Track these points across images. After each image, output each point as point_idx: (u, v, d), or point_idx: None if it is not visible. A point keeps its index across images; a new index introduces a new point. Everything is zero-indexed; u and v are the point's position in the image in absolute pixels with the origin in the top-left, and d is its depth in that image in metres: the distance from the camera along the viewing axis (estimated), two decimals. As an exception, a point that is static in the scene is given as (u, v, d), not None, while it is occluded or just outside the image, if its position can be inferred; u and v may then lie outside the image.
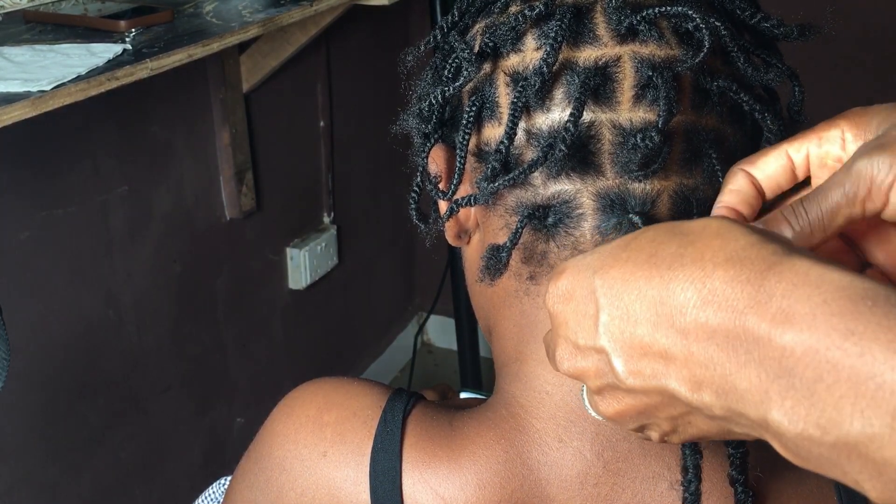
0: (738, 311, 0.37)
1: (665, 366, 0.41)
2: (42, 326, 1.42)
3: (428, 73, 0.63)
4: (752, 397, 0.37)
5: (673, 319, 0.40)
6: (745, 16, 0.56)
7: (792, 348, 0.35)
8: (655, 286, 0.40)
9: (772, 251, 0.38)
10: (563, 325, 0.45)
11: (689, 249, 0.40)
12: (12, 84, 0.98)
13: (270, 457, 0.61)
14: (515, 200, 0.57)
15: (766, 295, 0.37)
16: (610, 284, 0.42)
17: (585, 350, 0.44)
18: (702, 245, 0.40)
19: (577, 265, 0.45)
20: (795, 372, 0.35)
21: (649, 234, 0.43)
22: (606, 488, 0.56)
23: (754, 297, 0.37)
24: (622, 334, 0.42)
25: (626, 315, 0.42)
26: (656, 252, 0.41)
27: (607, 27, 0.54)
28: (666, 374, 0.41)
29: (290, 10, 1.35)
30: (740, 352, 0.37)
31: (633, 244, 0.43)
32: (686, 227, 0.42)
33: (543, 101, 0.55)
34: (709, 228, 0.41)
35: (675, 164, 0.54)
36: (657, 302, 0.40)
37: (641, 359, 0.41)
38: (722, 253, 0.39)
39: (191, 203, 1.69)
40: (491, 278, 0.59)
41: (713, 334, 0.38)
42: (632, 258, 0.42)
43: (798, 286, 0.36)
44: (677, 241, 0.41)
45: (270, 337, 2.01)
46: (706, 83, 0.55)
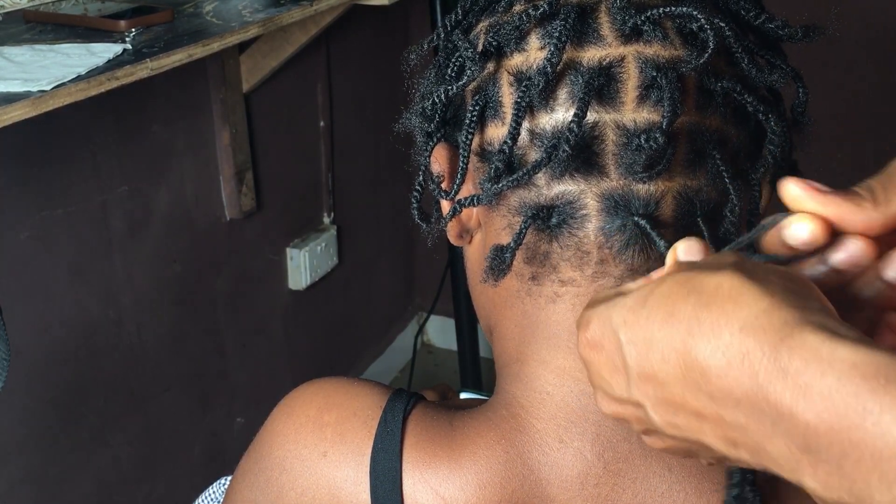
0: (759, 384, 0.38)
1: (699, 423, 0.41)
2: (42, 326, 1.42)
3: (431, 71, 0.63)
4: (786, 464, 0.38)
5: (699, 384, 0.40)
6: (750, 16, 0.56)
7: (815, 426, 0.36)
8: (678, 349, 0.41)
9: (783, 321, 0.38)
10: (597, 374, 0.46)
11: (705, 314, 0.40)
12: (12, 84, 0.98)
13: (270, 457, 0.61)
14: (519, 201, 0.57)
15: (782, 371, 0.37)
16: (634, 342, 0.43)
17: (622, 400, 0.45)
18: (717, 309, 0.40)
19: (602, 317, 0.45)
20: (821, 447, 0.36)
21: (664, 290, 0.43)
22: (607, 489, 0.56)
23: (772, 372, 0.37)
24: (654, 391, 0.43)
25: (654, 374, 0.42)
26: (673, 312, 0.41)
27: (611, 27, 0.54)
28: (701, 431, 0.42)
29: (290, 10, 1.35)
30: (766, 422, 0.38)
31: (651, 301, 0.43)
32: (700, 284, 0.41)
33: (547, 101, 0.55)
34: (721, 289, 0.41)
35: (679, 165, 0.54)
36: (682, 365, 0.41)
37: (676, 414, 0.42)
38: (737, 321, 0.39)
39: (191, 203, 1.69)
40: (495, 279, 0.59)
41: (739, 403, 0.39)
42: (651, 316, 0.42)
43: (810, 363, 0.36)
44: (693, 301, 0.41)
45: (270, 337, 2.01)
46: (710, 84, 0.54)
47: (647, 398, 0.43)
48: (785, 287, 0.40)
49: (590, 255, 0.56)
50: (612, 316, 0.44)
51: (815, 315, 0.38)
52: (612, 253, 0.55)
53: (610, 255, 0.55)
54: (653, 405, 0.43)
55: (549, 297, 0.57)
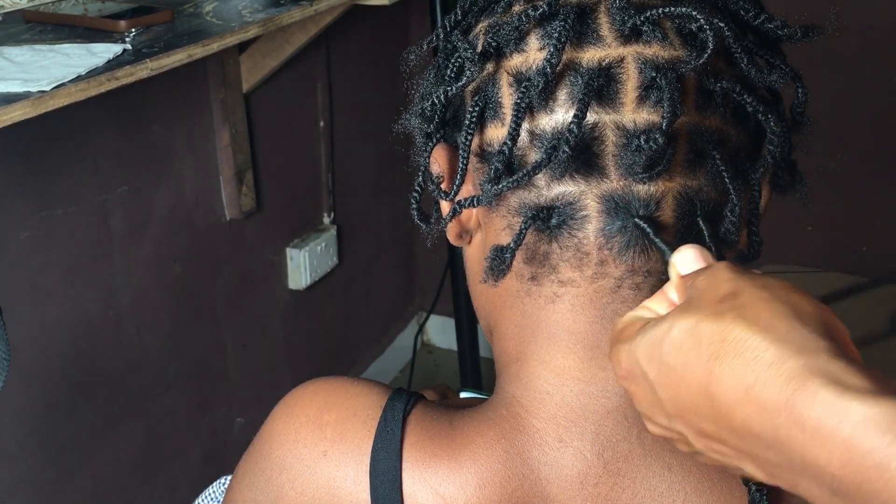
0: (781, 438, 0.40)
1: (738, 455, 0.44)
2: (42, 326, 1.42)
3: (430, 72, 0.63)
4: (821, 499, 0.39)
5: (727, 421, 0.42)
6: (749, 17, 0.56)
7: (840, 477, 0.37)
8: (702, 390, 0.43)
9: (790, 374, 0.40)
10: (638, 402, 0.49)
11: (717, 367, 0.42)
12: (12, 84, 0.98)
13: (270, 456, 0.61)
14: (518, 201, 0.57)
15: (799, 426, 0.39)
16: (661, 379, 0.46)
17: (666, 428, 0.48)
18: (726, 365, 0.42)
19: (629, 355, 0.48)
20: (849, 494, 0.37)
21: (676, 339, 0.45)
22: (606, 488, 0.56)
23: (790, 427, 0.39)
24: (691, 424, 0.45)
25: (687, 409, 0.45)
26: (688, 364, 0.44)
27: (611, 28, 0.54)
28: (741, 460, 0.44)
29: (290, 10, 1.35)
30: (796, 465, 0.40)
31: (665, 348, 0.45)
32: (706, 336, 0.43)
33: (547, 101, 0.54)
34: (727, 342, 0.42)
35: (679, 165, 0.54)
36: (708, 404, 0.43)
37: (714, 444, 0.45)
38: (747, 376, 0.41)
39: (191, 203, 1.69)
40: (495, 279, 0.59)
41: (769, 447, 0.41)
42: (672, 353, 0.45)
43: (824, 419, 0.38)
44: (705, 354, 0.43)
45: (270, 337, 2.01)
46: (710, 84, 0.54)
47: (687, 428, 0.46)
48: (790, 326, 0.41)
49: (590, 256, 0.56)
50: (637, 355, 0.47)
51: (822, 359, 0.40)
52: (612, 254, 0.55)
53: (610, 256, 0.55)
54: (693, 437, 0.46)
55: (549, 297, 0.57)
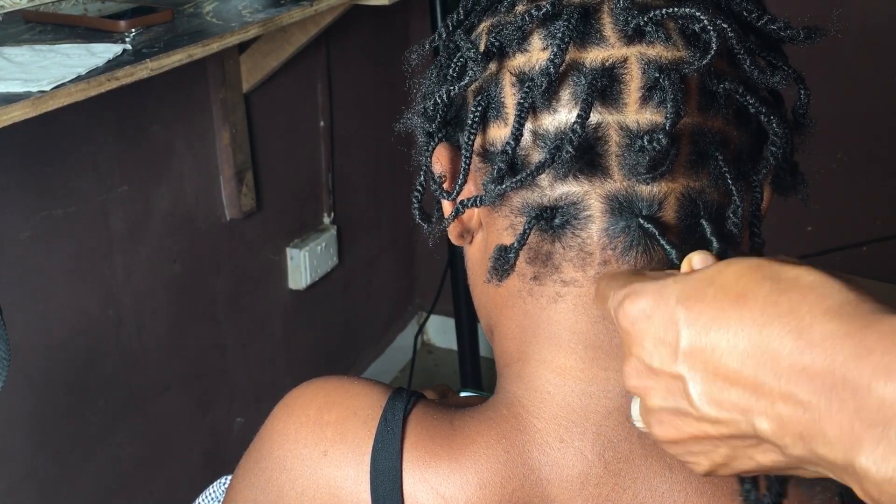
0: (838, 363, 0.38)
1: (755, 399, 0.41)
2: (42, 326, 1.42)
3: (433, 71, 0.63)
4: (841, 443, 0.38)
5: (765, 361, 0.41)
6: (752, 18, 0.56)
7: (892, 401, 0.37)
8: (747, 327, 0.41)
9: (869, 309, 0.39)
10: (637, 344, 0.46)
11: (783, 298, 0.41)
12: (12, 84, 0.98)
13: (271, 456, 0.61)
14: (521, 201, 0.57)
15: (866, 349, 0.38)
16: (695, 318, 0.43)
17: (659, 372, 0.45)
18: (797, 296, 0.41)
19: (659, 292, 0.45)
20: (892, 423, 0.37)
21: (734, 270, 0.43)
22: (607, 489, 0.56)
23: (854, 351, 0.38)
24: (705, 364, 0.43)
25: (713, 348, 0.42)
26: (745, 293, 0.42)
27: (614, 28, 0.54)
28: (751, 409, 0.41)
29: (290, 10, 1.35)
30: (834, 400, 0.38)
31: (719, 279, 0.43)
32: (776, 272, 0.42)
33: (550, 101, 0.54)
34: (802, 279, 0.41)
35: (682, 166, 0.54)
36: (750, 343, 0.41)
37: (725, 389, 0.42)
38: (819, 307, 0.40)
39: (191, 203, 1.69)
40: (499, 279, 0.59)
41: (809, 380, 0.39)
42: (719, 295, 0.43)
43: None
44: (768, 286, 0.42)
45: (270, 337, 2.01)
46: (713, 85, 0.54)
47: (693, 371, 0.43)
48: (864, 290, 0.41)
49: (593, 256, 0.55)
50: (671, 292, 0.45)
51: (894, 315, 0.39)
52: (615, 254, 0.55)
53: (613, 256, 0.55)
54: (699, 379, 0.43)
55: (551, 297, 0.57)
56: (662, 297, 0.45)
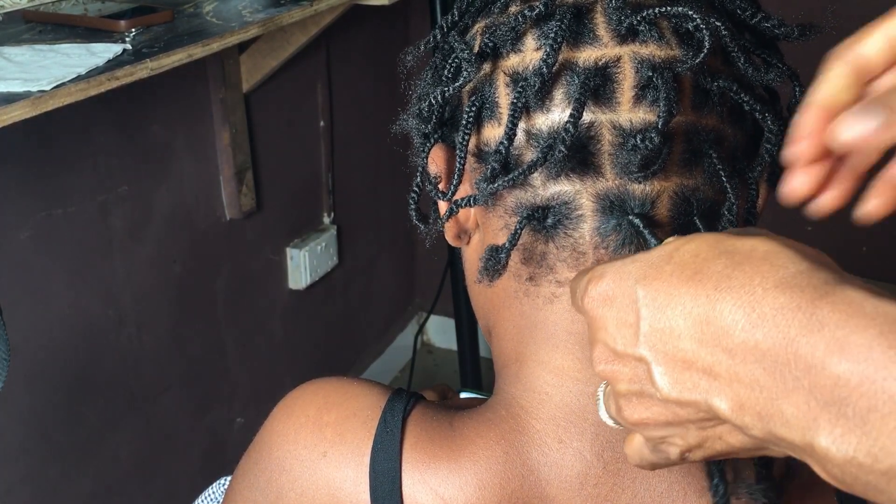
0: (790, 338, 0.37)
1: (709, 382, 0.40)
2: (42, 326, 1.42)
3: (428, 73, 0.63)
4: (799, 423, 0.37)
5: (719, 339, 0.39)
6: (746, 16, 0.56)
7: (847, 378, 0.35)
8: (701, 304, 0.40)
9: (823, 280, 0.38)
10: (601, 329, 0.45)
11: (737, 272, 0.40)
12: (12, 84, 0.98)
13: (270, 457, 0.61)
14: (515, 201, 0.57)
15: (819, 323, 0.37)
16: (653, 296, 0.42)
17: (623, 356, 0.44)
18: (750, 268, 0.40)
19: (619, 271, 0.44)
20: (849, 401, 0.35)
21: (691, 248, 0.42)
22: (606, 489, 0.56)
23: (806, 325, 0.37)
24: (664, 346, 0.42)
25: (670, 328, 0.41)
26: (701, 269, 0.41)
27: (607, 27, 0.54)
28: (709, 390, 0.40)
29: (290, 10, 1.35)
30: (788, 378, 0.37)
31: (676, 256, 0.42)
32: (731, 246, 0.41)
33: (543, 101, 0.54)
34: (756, 251, 0.40)
35: (675, 164, 0.54)
36: (703, 320, 0.40)
37: (684, 371, 0.41)
38: (772, 279, 0.39)
39: (191, 203, 1.69)
40: (490, 279, 0.59)
41: (762, 357, 0.38)
42: (675, 272, 0.42)
43: (852, 317, 0.36)
44: (723, 261, 0.41)
45: (270, 337, 2.01)
46: (706, 83, 0.54)
47: (654, 353, 0.42)
48: (819, 256, 0.40)
49: (586, 256, 0.56)
50: (630, 271, 0.44)
51: (855, 280, 0.38)
52: (607, 253, 0.55)
53: (606, 255, 0.55)
54: (660, 361, 0.42)
55: (547, 297, 0.57)
56: (622, 278, 0.44)
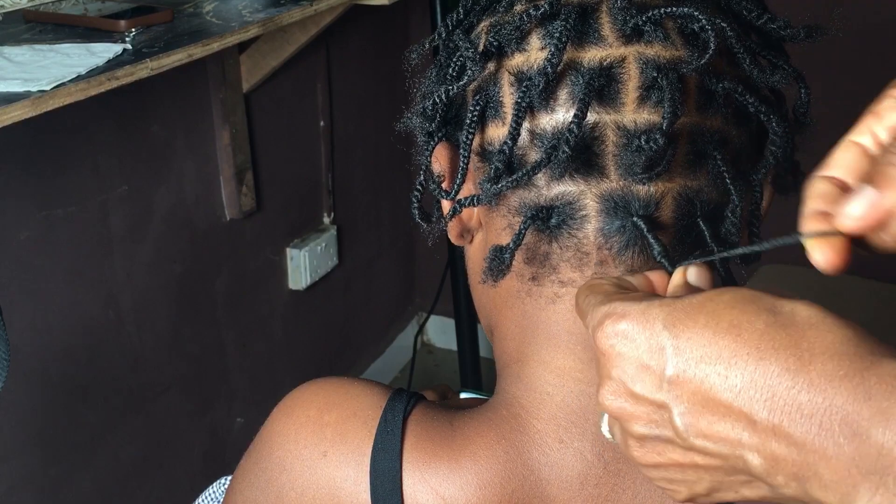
0: (836, 405, 0.37)
1: (748, 434, 0.40)
2: (42, 326, 1.42)
3: (432, 71, 0.63)
4: (838, 487, 0.37)
5: (761, 395, 0.39)
6: (752, 17, 0.56)
7: (890, 448, 0.36)
8: (742, 362, 0.40)
9: (868, 350, 0.38)
10: (616, 366, 0.44)
11: (782, 333, 0.40)
12: (12, 84, 0.98)
13: (271, 457, 0.61)
14: (519, 201, 0.57)
15: (865, 393, 0.37)
16: (685, 346, 0.42)
17: (640, 398, 0.43)
18: (795, 332, 0.40)
19: (645, 314, 0.44)
20: (890, 471, 0.36)
21: (726, 299, 0.42)
22: (607, 489, 0.56)
23: (853, 393, 0.37)
24: (694, 394, 0.41)
25: (703, 379, 0.41)
26: (739, 324, 0.41)
27: (612, 27, 0.54)
28: (743, 444, 0.40)
29: (290, 10, 1.35)
30: (830, 443, 0.37)
31: (710, 307, 0.42)
32: (773, 306, 0.41)
33: (547, 101, 0.54)
34: (800, 314, 0.40)
35: (680, 166, 0.54)
36: (744, 376, 0.40)
37: (716, 422, 0.41)
38: (819, 344, 0.39)
39: (191, 203, 1.69)
40: (494, 279, 0.59)
41: (807, 418, 0.38)
42: (710, 324, 0.41)
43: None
44: (764, 320, 0.40)
45: (270, 337, 2.01)
46: (712, 84, 0.54)
47: (680, 402, 0.42)
48: (859, 327, 0.40)
49: (589, 256, 0.55)
50: (656, 315, 0.43)
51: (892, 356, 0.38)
52: (611, 254, 0.55)
53: (609, 256, 0.55)
54: (686, 410, 0.42)
55: (550, 297, 0.57)
56: (647, 320, 0.43)
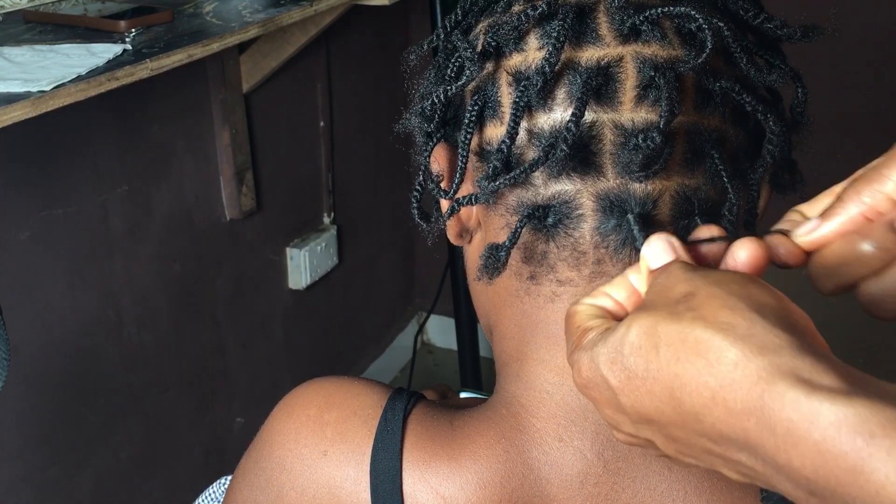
0: (753, 441, 0.38)
1: (711, 458, 0.42)
2: (42, 326, 1.42)
3: (431, 71, 0.63)
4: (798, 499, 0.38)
5: (698, 430, 0.41)
6: (749, 16, 0.56)
7: (814, 480, 0.36)
8: (667, 402, 0.42)
9: (756, 375, 0.38)
10: (601, 411, 0.47)
11: (680, 369, 0.41)
12: (12, 84, 0.98)
13: (271, 456, 0.61)
14: (516, 200, 0.57)
15: (770, 429, 0.37)
16: (626, 390, 0.43)
17: (631, 436, 0.46)
18: (690, 367, 0.40)
19: (590, 361, 0.46)
20: (825, 496, 0.36)
21: (634, 342, 0.43)
22: (606, 488, 0.56)
23: (760, 430, 0.38)
24: (657, 431, 0.44)
25: (652, 418, 0.43)
26: (648, 367, 0.42)
27: (610, 27, 0.54)
28: (713, 465, 0.43)
29: (290, 10, 1.35)
30: (769, 467, 0.38)
31: (625, 351, 0.43)
32: (665, 336, 0.42)
33: (545, 100, 0.55)
34: (687, 343, 0.41)
35: (677, 164, 0.54)
36: (677, 414, 0.41)
37: (686, 447, 0.43)
38: (712, 379, 0.39)
39: (191, 203, 1.69)
40: (489, 277, 0.59)
41: (741, 449, 0.39)
42: (630, 366, 0.43)
43: (794, 422, 0.36)
44: (665, 356, 0.41)
45: (270, 337, 2.01)
46: (709, 84, 0.54)
47: (654, 436, 0.44)
48: (750, 322, 0.40)
49: (586, 255, 0.56)
50: (598, 361, 0.45)
51: (786, 357, 0.38)
52: (608, 252, 0.55)
53: (606, 254, 0.55)
54: (661, 443, 0.44)
55: (548, 296, 0.57)
56: (595, 368, 0.45)
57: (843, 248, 0.46)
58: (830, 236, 0.46)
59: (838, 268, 0.46)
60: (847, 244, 0.46)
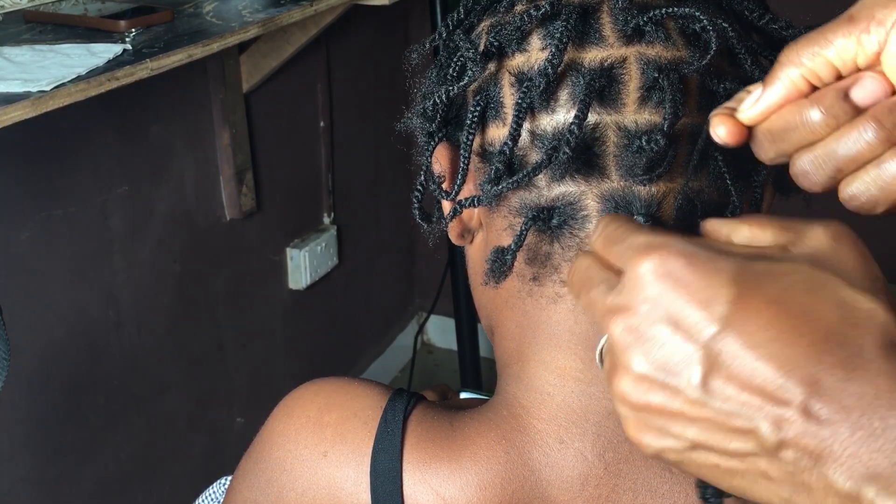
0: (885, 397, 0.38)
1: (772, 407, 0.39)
2: (42, 326, 1.42)
3: (432, 71, 0.62)
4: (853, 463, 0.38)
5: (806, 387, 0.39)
6: (754, 17, 0.56)
7: None
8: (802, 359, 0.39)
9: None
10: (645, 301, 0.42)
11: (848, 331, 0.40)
12: (12, 84, 0.98)
13: (271, 457, 0.61)
14: (519, 202, 0.57)
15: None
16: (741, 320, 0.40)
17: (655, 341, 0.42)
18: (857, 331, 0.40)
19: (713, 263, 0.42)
20: None
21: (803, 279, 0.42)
22: (607, 489, 0.56)
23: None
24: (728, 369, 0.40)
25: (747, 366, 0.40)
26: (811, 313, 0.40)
27: (613, 28, 0.54)
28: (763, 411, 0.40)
29: (290, 10, 1.35)
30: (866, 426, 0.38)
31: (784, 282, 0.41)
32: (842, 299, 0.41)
33: (548, 102, 0.54)
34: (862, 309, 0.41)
35: (681, 166, 0.54)
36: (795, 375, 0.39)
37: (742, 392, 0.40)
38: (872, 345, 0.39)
39: (191, 203, 1.69)
40: (496, 280, 0.59)
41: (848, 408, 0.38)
42: (779, 302, 0.41)
43: None
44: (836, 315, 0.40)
45: (270, 337, 2.01)
46: (713, 85, 0.54)
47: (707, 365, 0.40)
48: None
49: (591, 256, 0.55)
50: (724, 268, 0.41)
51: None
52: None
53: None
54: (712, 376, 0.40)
55: (551, 297, 0.57)
56: (713, 272, 0.41)
57: (791, 112, 0.45)
58: (774, 106, 0.46)
59: (784, 133, 0.46)
60: (796, 109, 0.45)
